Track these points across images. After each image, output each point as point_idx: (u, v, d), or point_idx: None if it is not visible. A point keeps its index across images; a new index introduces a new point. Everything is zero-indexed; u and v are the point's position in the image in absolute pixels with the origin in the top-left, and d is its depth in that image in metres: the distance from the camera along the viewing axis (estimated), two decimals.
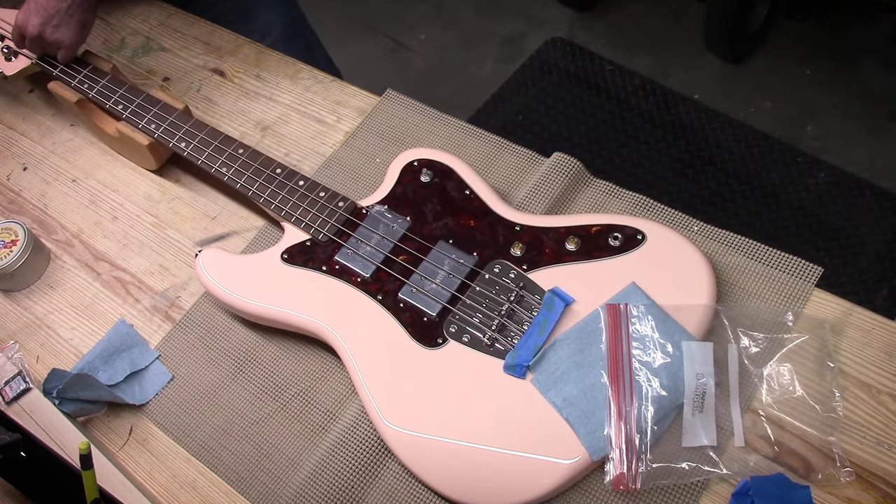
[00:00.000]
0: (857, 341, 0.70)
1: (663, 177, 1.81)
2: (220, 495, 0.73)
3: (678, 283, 0.71)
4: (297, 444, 0.74)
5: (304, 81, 1.01)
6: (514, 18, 2.21)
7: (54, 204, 0.96)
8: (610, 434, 0.65)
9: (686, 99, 1.93)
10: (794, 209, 1.70)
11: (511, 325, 0.72)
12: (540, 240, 0.76)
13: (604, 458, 0.65)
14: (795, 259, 0.75)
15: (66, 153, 1.00)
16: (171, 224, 0.92)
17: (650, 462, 0.64)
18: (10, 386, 0.77)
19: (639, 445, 0.65)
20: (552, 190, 0.83)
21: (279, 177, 0.84)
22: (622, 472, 0.64)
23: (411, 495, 0.70)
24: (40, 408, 0.76)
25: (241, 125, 0.98)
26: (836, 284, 1.56)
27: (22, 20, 0.91)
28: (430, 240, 0.78)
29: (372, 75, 2.11)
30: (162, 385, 0.80)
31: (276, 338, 0.81)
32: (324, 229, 0.80)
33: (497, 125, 1.94)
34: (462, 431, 0.68)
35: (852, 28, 2.00)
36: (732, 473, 0.65)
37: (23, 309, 0.88)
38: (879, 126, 1.83)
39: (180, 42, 1.08)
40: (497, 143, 0.90)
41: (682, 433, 0.66)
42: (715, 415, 0.66)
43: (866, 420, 0.66)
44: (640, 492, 0.66)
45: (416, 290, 0.75)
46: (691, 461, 0.65)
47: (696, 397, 0.66)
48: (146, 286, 0.87)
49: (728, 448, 0.66)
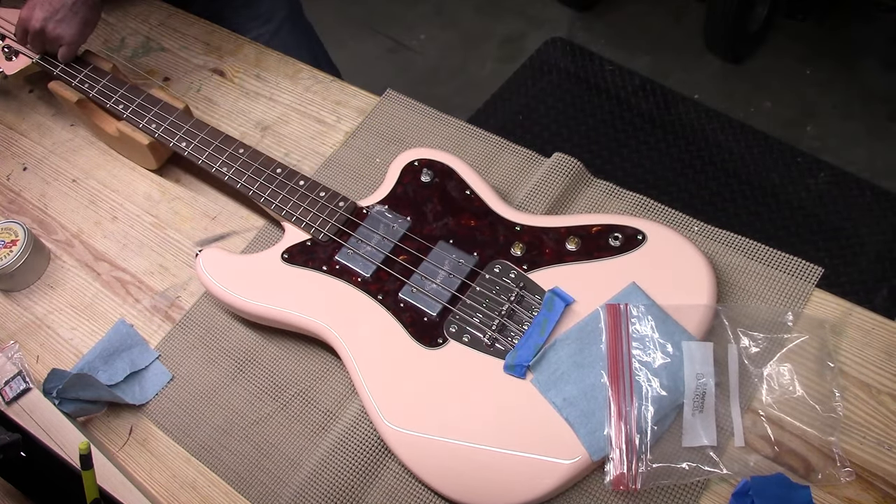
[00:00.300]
0: (857, 341, 0.70)
1: (663, 177, 1.81)
2: (220, 495, 0.73)
3: (678, 283, 0.71)
4: (297, 444, 0.74)
5: (304, 81, 1.01)
6: (514, 18, 2.21)
7: (54, 204, 0.96)
8: (610, 434, 0.65)
9: (686, 99, 1.93)
10: (794, 209, 1.70)
11: (511, 325, 0.72)
12: (540, 240, 0.76)
13: (604, 459, 0.65)
14: (795, 259, 0.75)
15: (66, 153, 1.00)
16: (171, 224, 0.92)
17: (650, 462, 0.65)
18: (10, 386, 0.77)
19: (639, 445, 0.65)
20: (552, 190, 0.83)
21: (279, 177, 0.84)
22: (622, 472, 0.64)
23: (411, 495, 0.70)
24: (40, 408, 0.76)
25: (241, 125, 0.98)
26: (836, 284, 1.56)
27: (26, 15, 0.92)
28: (430, 240, 0.78)
29: (372, 75, 2.11)
30: (162, 385, 0.80)
31: (276, 338, 0.81)
32: (324, 229, 0.80)
33: (497, 125, 1.94)
34: (462, 431, 0.68)
35: (852, 28, 2.01)
36: (732, 473, 0.65)
37: (23, 309, 0.88)
38: (879, 126, 1.83)
39: (180, 42, 1.08)
40: (497, 143, 0.90)
41: (682, 433, 0.66)
42: (715, 415, 0.66)
43: (866, 420, 0.66)
44: (640, 492, 0.66)
45: (416, 290, 0.75)
46: (691, 461, 0.65)
47: (697, 397, 0.66)
48: (146, 286, 0.87)
49: (728, 448, 0.66)
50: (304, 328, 0.76)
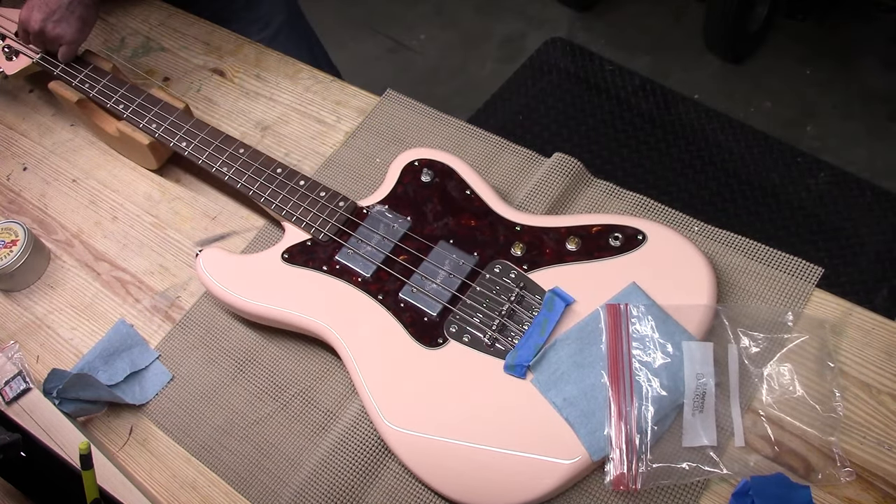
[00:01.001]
0: (857, 341, 0.70)
1: (663, 177, 1.81)
2: (220, 495, 0.73)
3: (678, 283, 0.71)
4: (297, 444, 0.74)
5: (304, 81, 1.01)
6: (514, 18, 2.21)
7: (54, 204, 0.96)
8: (610, 434, 0.65)
9: (686, 99, 1.93)
10: (794, 209, 1.70)
11: (511, 325, 0.72)
12: (540, 240, 0.76)
13: (604, 459, 0.65)
14: (796, 259, 0.75)
15: (66, 153, 1.00)
16: (171, 224, 0.92)
17: (650, 462, 0.64)
18: (10, 386, 0.77)
19: (639, 446, 0.65)
20: (552, 190, 0.83)
21: (280, 177, 0.84)
22: (622, 472, 0.64)
23: (411, 495, 0.70)
24: (40, 408, 0.76)
25: (242, 125, 0.98)
26: (836, 284, 1.56)
27: (25, 16, 0.93)
28: (430, 240, 0.78)
29: (372, 75, 2.11)
30: (162, 385, 0.80)
31: (276, 338, 0.81)
32: (324, 229, 0.80)
33: (497, 125, 1.94)
34: (462, 431, 0.68)
35: (852, 28, 2.01)
36: (732, 473, 0.65)
37: (23, 309, 0.88)
38: (879, 126, 1.83)
39: (180, 42, 1.08)
40: (497, 143, 0.90)
41: (682, 433, 0.66)
42: (715, 415, 0.66)
43: (866, 420, 0.66)
44: (641, 492, 0.66)
45: (416, 290, 0.75)
46: (692, 461, 0.65)
47: (697, 397, 0.66)
48: (146, 286, 0.87)
49: (728, 448, 0.66)
50: (305, 328, 0.76)
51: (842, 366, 0.69)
